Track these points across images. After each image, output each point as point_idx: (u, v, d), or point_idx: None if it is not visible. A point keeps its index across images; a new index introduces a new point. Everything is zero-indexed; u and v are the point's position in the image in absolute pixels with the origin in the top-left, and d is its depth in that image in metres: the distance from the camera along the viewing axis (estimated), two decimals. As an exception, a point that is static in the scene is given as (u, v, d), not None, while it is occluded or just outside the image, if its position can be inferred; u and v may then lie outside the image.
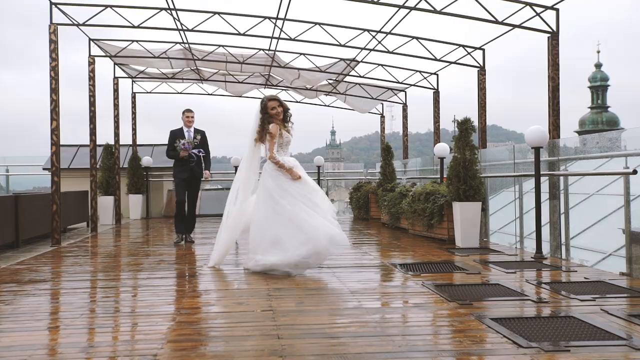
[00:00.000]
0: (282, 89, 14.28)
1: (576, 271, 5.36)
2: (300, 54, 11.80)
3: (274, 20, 9.61)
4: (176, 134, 7.93)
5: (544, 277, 5.12)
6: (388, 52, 10.78)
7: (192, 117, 8.04)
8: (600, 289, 4.43)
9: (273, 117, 5.62)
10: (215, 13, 9.40)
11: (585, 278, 4.94)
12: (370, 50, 10.91)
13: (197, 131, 8.00)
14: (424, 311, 3.87)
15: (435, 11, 8.47)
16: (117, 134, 12.43)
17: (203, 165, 7.99)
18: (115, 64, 12.05)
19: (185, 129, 7.98)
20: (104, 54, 11.05)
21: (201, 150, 7.96)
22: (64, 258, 6.83)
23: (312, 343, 3.11)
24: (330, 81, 13.44)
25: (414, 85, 12.98)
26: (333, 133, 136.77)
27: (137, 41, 10.83)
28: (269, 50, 11.16)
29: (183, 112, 8.06)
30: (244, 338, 3.24)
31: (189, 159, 7.83)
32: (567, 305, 3.95)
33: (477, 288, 4.54)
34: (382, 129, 15.39)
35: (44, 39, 8.24)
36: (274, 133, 5.57)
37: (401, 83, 12.99)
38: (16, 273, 5.64)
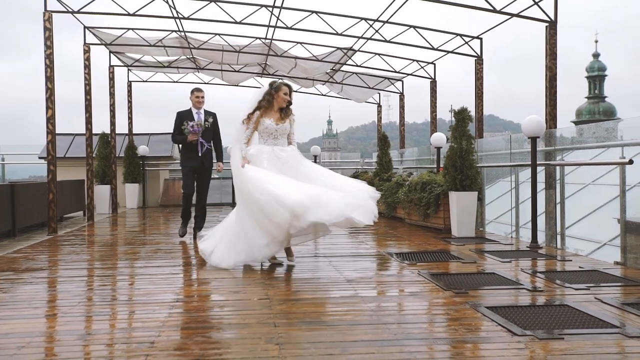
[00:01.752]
0: (279, 78, 14.23)
1: (571, 260, 5.40)
2: (297, 42, 11.75)
3: (270, 9, 9.55)
4: (184, 116, 7.08)
5: (539, 266, 5.16)
6: (385, 41, 10.73)
7: (203, 97, 7.14)
8: (595, 278, 4.47)
9: (273, 102, 5.29)
10: (211, 1, 9.33)
11: (580, 267, 4.97)
12: (368, 39, 10.85)
13: (207, 113, 7.14)
14: (420, 300, 3.90)
15: None
16: (113, 123, 12.37)
17: (214, 154, 7.26)
18: (110, 52, 11.97)
19: (194, 111, 7.11)
20: (99, 42, 10.97)
21: (210, 143, 7.16)
22: (60, 247, 6.84)
23: (308, 331, 3.13)
24: (327, 70, 13.39)
25: (411, 74, 12.95)
26: (330, 122, 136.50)
27: (132, 29, 10.75)
28: (265, 39, 11.10)
29: (192, 92, 7.15)
30: (240, 326, 3.26)
31: (199, 145, 7.03)
32: (561, 294, 3.98)
33: (472, 277, 4.57)
34: (379, 118, 15.37)
35: (36, 28, 8.19)
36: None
37: (398, 72, 12.95)
38: (13, 261, 5.64)
